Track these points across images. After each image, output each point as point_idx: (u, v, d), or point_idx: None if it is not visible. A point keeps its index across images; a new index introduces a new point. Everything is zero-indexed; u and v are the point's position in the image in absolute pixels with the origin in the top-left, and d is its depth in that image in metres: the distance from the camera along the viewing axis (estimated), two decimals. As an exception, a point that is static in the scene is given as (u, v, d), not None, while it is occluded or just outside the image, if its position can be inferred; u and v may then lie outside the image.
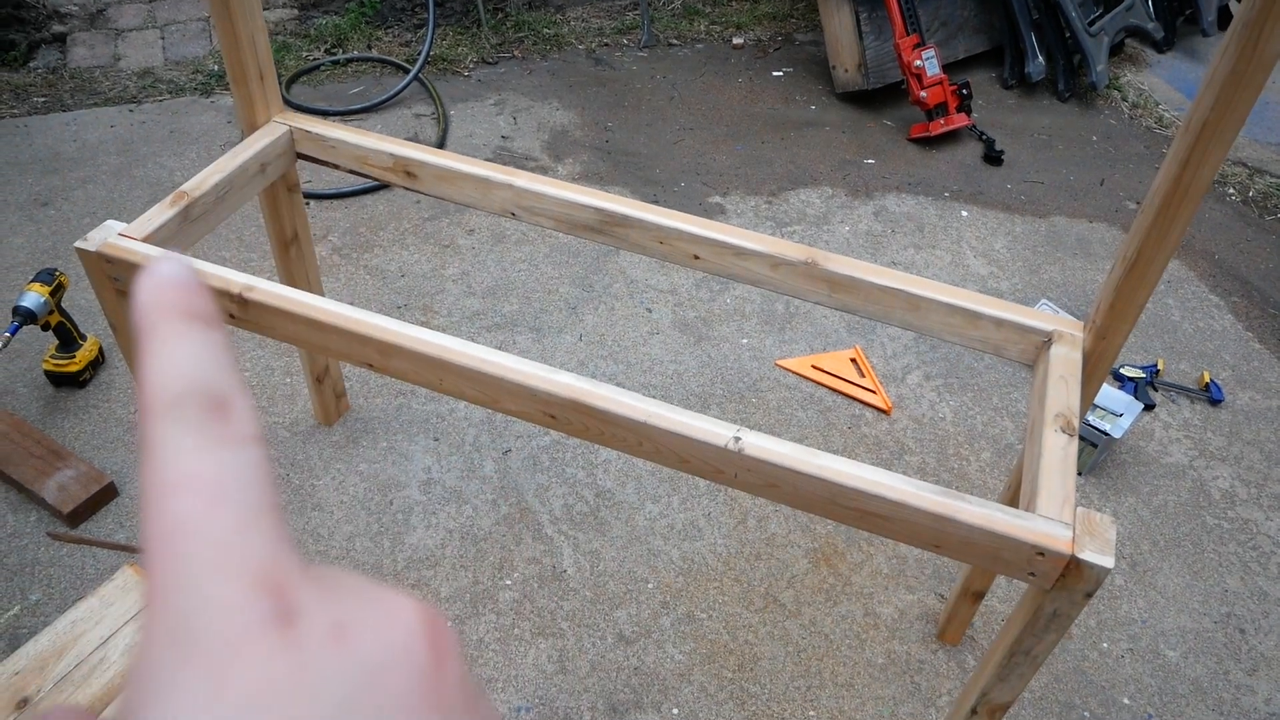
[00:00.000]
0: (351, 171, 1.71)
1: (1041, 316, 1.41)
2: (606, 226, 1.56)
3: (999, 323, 1.41)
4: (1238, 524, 2.16)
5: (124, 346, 1.55)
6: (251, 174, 1.63)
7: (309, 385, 2.12)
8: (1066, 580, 1.10)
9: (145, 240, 1.44)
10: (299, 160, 1.74)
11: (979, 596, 1.80)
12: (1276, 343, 2.66)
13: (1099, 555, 1.07)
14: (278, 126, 1.68)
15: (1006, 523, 1.10)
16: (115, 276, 1.43)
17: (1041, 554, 1.08)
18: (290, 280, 1.91)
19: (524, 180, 1.58)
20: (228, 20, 1.53)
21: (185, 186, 1.53)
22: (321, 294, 2.00)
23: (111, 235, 1.43)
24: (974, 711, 1.34)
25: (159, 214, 1.48)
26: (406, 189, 1.68)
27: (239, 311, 1.38)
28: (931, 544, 1.15)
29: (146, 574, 0.23)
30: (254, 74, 1.62)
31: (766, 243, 1.48)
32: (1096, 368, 1.36)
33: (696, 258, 1.53)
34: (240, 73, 1.61)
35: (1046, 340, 1.39)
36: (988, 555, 1.12)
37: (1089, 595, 1.10)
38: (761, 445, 1.16)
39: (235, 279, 1.37)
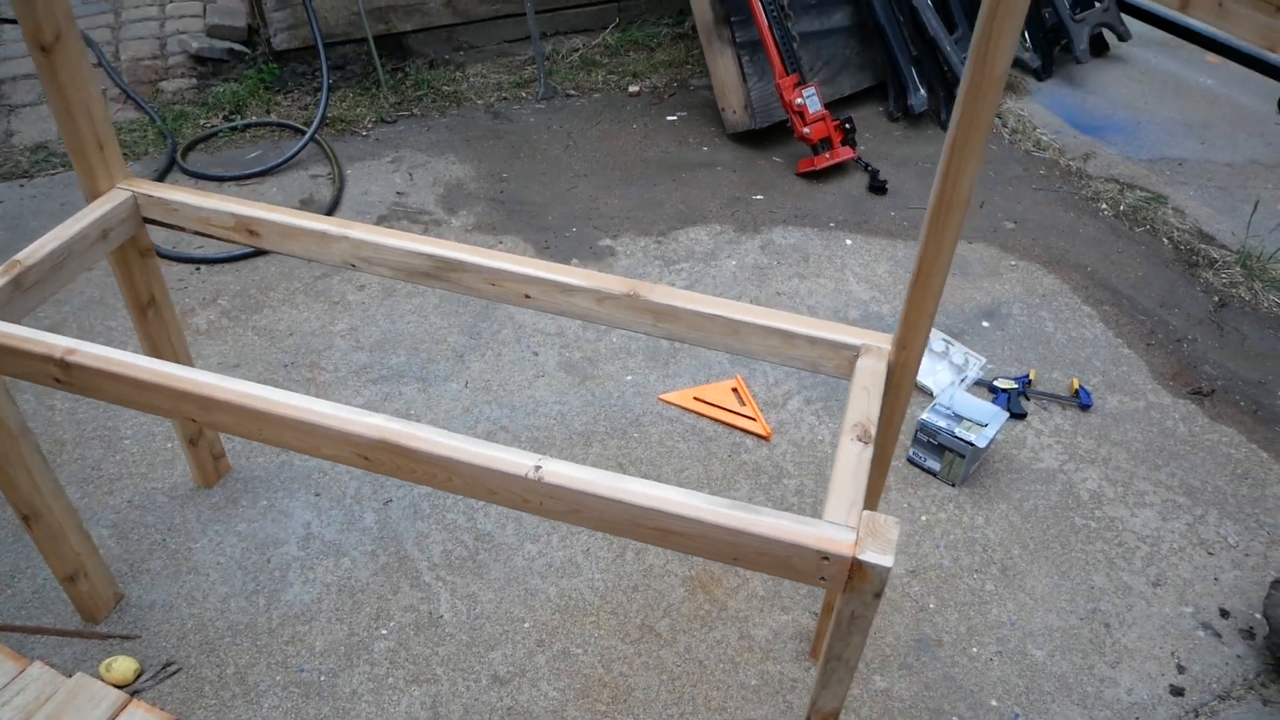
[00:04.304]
0: (197, 233, 1.74)
1: (851, 332, 1.46)
2: (440, 271, 1.60)
3: (812, 340, 1.47)
4: (1104, 522, 2.22)
5: (-38, 419, 1.55)
6: (92, 240, 1.65)
7: (184, 448, 2.11)
8: (854, 582, 1.14)
9: (-28, 311, 1.45)
10: (153, 226, 1.76)
11: (845, 611, 1.83)
12: (1144, 346, 2.76)
13: (879, 555, 1.11)
14: (120, 193, 1.71)
15: (793, 531, 1.14)
16: (-58, 349, 1.44)
17: (827, 558, 1.12)
18: (151, 345, 1.92)
19: (359, 231, 1.62)
20: (58, 92, 1.56)
21: (19, 255, 1.55)
22: (187, 356, 2.02)
23: (-62, 308, 1.44)
24: (810, 722, 1.37)
25: (-12, 284, 1.49)
26: (251, 248, 1.71)
27: (64, 376, 1.39)
28: (731, 557, 1.19)
29: None
30: (91, 143, 1.65)
31: (590, 278, 1.52)
32: (903, 377, 1.42)
33: (528, 297, 1.57)
34: (77, 143, 1.63)
35: (855, 354, 1.44)
36: (781, 564, 1.16)
37: (877, 595, 1.15)
38: (561, 472, 1.19)
39: (58, 343, 1.39)
